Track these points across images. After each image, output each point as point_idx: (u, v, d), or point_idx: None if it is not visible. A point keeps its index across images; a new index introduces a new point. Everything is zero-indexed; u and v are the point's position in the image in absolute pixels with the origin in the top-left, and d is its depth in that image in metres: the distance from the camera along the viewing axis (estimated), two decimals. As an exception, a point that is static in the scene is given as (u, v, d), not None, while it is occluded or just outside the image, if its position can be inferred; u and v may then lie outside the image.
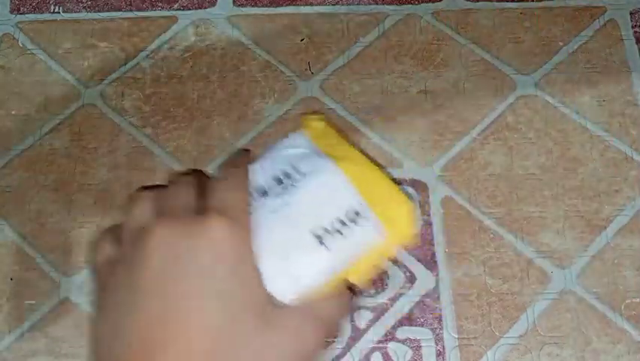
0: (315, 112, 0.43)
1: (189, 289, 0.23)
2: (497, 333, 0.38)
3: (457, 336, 0.38)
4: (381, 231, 0.35)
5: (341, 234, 0.35)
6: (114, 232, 0.30)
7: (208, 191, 0.27)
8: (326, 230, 0.35)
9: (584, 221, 0.41)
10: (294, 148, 0.38)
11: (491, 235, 0.41)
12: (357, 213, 0.35)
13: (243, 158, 0.33)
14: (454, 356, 0.38)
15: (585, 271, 0.40)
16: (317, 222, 0.35)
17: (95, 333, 0.24)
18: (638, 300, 0.39)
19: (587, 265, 0.40)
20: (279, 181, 0.36)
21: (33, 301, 0.40)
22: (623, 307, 0.39)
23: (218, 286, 0.23)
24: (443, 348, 0.38)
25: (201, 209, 0.25)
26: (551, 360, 0.38)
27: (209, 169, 0.43)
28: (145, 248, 0.24)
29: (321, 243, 0.35)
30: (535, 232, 0.41)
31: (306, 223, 0.35)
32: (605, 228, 0.41)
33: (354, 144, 0.38)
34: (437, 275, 0.40)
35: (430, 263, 0.40)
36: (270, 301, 0.24)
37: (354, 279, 0.34)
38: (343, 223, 0.35)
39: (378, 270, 0.37)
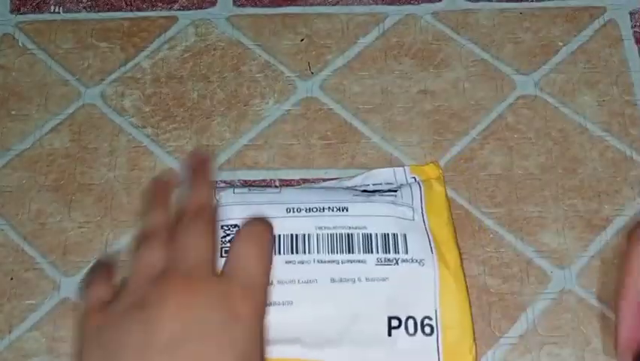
0: (432, 162, 0.42)
1: (214, 349, 0.23)
2: (497, 333, 0.38)
3: (457, 336, 0.38)
4: (440, 355, 0.35)
5: (408, 334, 0.35)
6: (107, 272, 0.29)
7: (231, 252, 0.27)
8: (400, 323, 0.35)
9: (583, 221, 0.41)
10: (408, 209, 0.38)
11: (491, 235, 0.41)
12: (429, 325, 0.35)
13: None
14: (454, 356, 0.38)
15: (585, 271, 0.40)
16: (396, 309, 0.35)
17: None
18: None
19: (586, 265, 0.40)
20: (387, 240, 0.36)
21: (33, 301, 0.40)
22: (622, 307, 0.39)
23: (238, 354, 0.23)
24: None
25: (222, 271, 0.26)
26: (551, 360, 0.38)
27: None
28: (162, 307, 0.24)
29: (390, 334, 0.35)
30: (534, 232, 0.41)
31: (389, 307, 0.35)
32: (605, 228, 0.41)
33: (454, 227, 0.38)
34: (437, 275, 0.40)
35: (430, 263, 0.40)
36: None
37: None
38: (415, 326, 0.35)
39: None
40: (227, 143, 0.44)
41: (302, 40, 0.48)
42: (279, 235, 0.36)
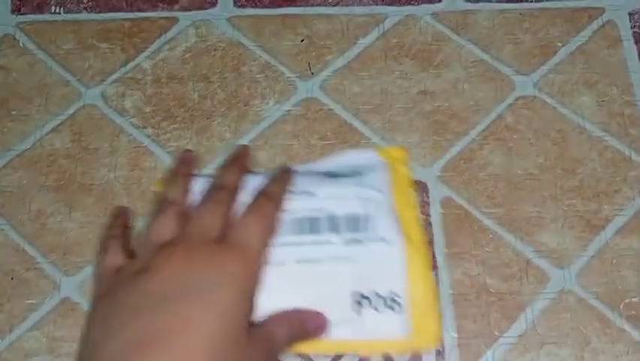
0: (398, 145, 0.43)
1: (199, 308, 0.25)
2: (496, 333, 0.39)
3: (456, 335, 0.38)
4: (408, 330, 0.35)
5: (376, 310, 0.35)
6: (122, 241, 0.31)
7: (235, 223, 0.29)
8: (365, 300, 0.36)
9: (583, 221, 0.41)
10: (374, 190, 0.39)
11: (490, 235, 0.41)
12: (396, 301, 0.36)
13: (283, 184, 0.35)
14: (453, 356, 0.38)
15: (584, 271, 0.40)
16: (363, 287, 0.36)
17: (92, 333, 0.25)
18: (637, 300, 0.39)
19: (586, 264, 0.40)
20: (353, 220, 0.37)
21: (33, 301, 0.40)
22: (622, 306, 0.39)
23: (221, 312, 0.26)
24: (442, 347, 0.38)
25: (222, 237, 0.29)
26: (550, 360, 0.38)
27: (213, 169, 0.44)
28: (162, 270, 0.26)
29: (358, 312, 0.35)
30: (534, 232, 0.41)
31: (356, 285, 0.36)
32: (604, 228, 0.41)
33: (417, 208, 0.39)
34: (436, 275, 0.40)
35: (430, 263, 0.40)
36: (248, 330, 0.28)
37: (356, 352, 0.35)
38: (383, 303, 0.36)
39: (384, 356, 0.38)
40: (228, 143, 0.44)
41: (302, 40, 0.48)
42: None
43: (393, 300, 0.35)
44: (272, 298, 0.35)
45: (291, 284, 0.35)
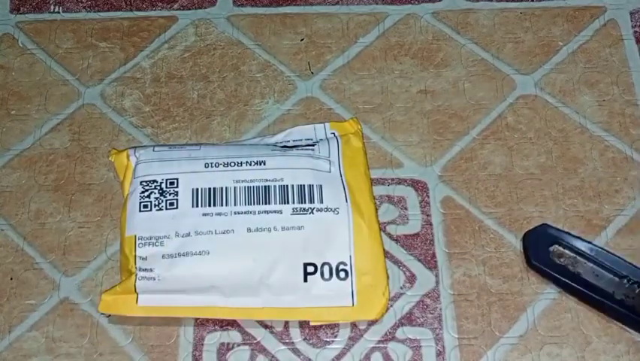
0: (352, 119, 0.43)
1: None
2: (497, 333, 0.38)
3: (457, 336, 0.38)
4: (353, 300, 0.37)
5: (323, 279, 0.37)
6: None
7: None
8: (314, 268, 0.37)
9: (583, 221, 0.41)
10: (324, 161, 0.40)
11: (491, 235, 0.41)
12: (343, 270, 0.37)
13: None
14: (454, 356, 0.38)
15: (585, 271, 0.40)
16: (312, 256, 0.37)
17: None
18: (638, 300, 0.39)
19: (587, 265, 0.40)
20: (303, 190, 0.38)
21: (32, 301, 0.40)
22: (623, 307, 0.39)
23: None
24: (443, 348, 0.38)
25: None
26: (551, 360, 0.38)
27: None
28: None
29: (306, 280, 0.37)
30: (535, 232, 0.41)
31: (305, 254, 0.37)
32: (605, 228, 0.41)
33: (370, 180, 0.40)
34: (437, 275, 0.40)
35: (430, 263, 0.40)
36: None
37: (304, 318, 0.36)
38: (330, 271, 0.37)
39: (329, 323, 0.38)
40: (227, 142, 0.44)
41: (302, 39, 0.48)
42: (197, 189, 0.37)
43: (341, 269, 0.36)
44: (221, 265, 0.36)
45: (241, 252, 0.36)
